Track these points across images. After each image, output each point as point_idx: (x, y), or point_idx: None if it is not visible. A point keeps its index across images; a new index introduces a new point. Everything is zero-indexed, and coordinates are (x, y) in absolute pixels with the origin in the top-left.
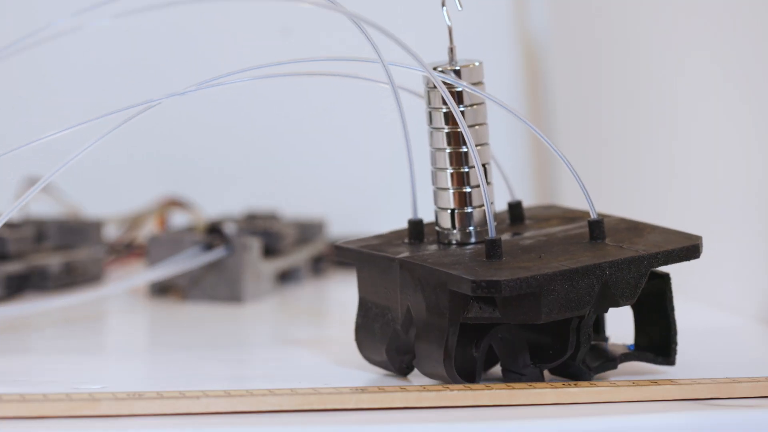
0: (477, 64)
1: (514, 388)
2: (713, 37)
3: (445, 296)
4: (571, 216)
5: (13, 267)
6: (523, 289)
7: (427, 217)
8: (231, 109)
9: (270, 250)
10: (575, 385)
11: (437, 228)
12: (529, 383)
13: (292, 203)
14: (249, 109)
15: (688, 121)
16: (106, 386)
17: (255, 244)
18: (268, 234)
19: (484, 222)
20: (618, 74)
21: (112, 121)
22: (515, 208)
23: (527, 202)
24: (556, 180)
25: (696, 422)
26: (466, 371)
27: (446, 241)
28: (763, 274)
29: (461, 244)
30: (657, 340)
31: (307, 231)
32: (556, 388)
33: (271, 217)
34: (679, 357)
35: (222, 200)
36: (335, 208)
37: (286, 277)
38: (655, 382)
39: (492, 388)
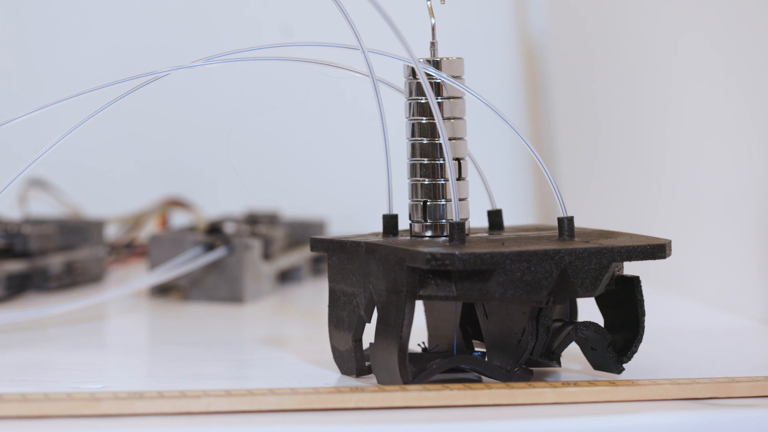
0: (457, 58)
1: (513, 388)
2: (714, 37)
3: (403, 273)
4: (551, 228)
5: (14, 266)
6: (478, 265)
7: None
8: (232, 110)
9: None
10: (575, 384)
11: (410, 221)
12: (529, 383)
13: (292, 204)
14: (250, 110)
15: (689, 120)
16: (107, 386)
17: (255, 244)
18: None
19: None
20: (617, 74)
21: (113, 96)
22: (494, 215)
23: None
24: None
25: (695, 421)
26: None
27: (418, 234)
28: (763, 274)
29: (433, 237)
30: (620, 343)
31: (308, 231)
32: (555, 387)
33: (271, 219)
34: (680, 357)
35: (222, 200)
36: (335, 209)
37: (285, 277)
38: (654, 382)
39: (491, 388)
